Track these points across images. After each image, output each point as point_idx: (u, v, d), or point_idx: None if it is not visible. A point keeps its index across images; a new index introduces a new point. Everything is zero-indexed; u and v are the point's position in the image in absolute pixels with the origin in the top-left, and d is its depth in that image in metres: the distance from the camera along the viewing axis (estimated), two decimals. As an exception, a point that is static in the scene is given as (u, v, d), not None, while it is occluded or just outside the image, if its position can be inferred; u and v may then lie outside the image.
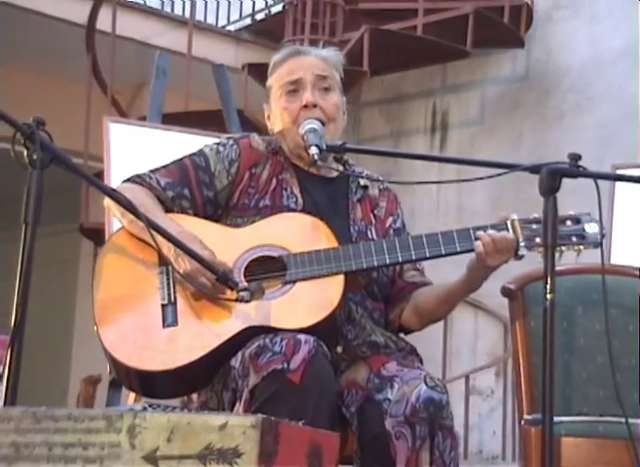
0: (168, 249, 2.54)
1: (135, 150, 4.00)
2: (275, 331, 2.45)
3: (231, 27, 7.49)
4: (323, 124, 2.74)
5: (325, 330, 2.51)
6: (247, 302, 2.48)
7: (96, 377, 4.36)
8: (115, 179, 3.93)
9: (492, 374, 6.61)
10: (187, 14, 7.48)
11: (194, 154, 2.81)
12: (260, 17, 7.38)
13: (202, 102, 6.09)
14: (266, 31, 7.20)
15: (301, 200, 2.74)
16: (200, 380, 2.58)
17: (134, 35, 6.79)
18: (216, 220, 2.74)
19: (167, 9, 7.66)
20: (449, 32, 5.98)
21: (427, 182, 6.44)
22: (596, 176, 2.30)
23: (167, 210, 2.70)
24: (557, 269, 2.90)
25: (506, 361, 6.46)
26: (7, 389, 2.12)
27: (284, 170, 2.78)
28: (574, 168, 2.29)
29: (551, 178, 2.29)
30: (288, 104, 2.78)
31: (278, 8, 7.14)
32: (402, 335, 2.81)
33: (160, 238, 2.53)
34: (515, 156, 6.38)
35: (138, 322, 2.57)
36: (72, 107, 6.62)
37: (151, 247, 2.64)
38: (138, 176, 2.75)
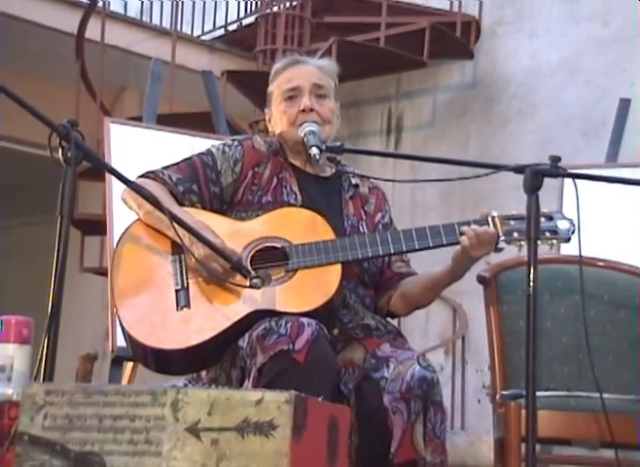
0: (183, 236, 2.54)
1: (133, 148, 3.97)
2: (279, 314, 2.46)
3: (205, 37, 7.45)
4: (319, 126, 2.76)
5: (324, 314, 2.52)
6: (259, 288, 2.48)
7: (93, 355, 4.35)
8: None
9: (442, 352, 6.64)
10: (164, 23, 7.45)
11: (202, 153, 2.80)
12: (232, 28, 7.34)
13: (176, 104, 6.06)
14: (238, 41, 7.18)
15: (299, 197, 2.74)
16: (210, 359, 2.58)
17: (118, 43, 6.73)
18: (222, 214, 2.74)
19: (145, 18, 7.60)
20: (408, 44, 5.99)
21: (415, 180, 6.45)
22: (575, 176, 2.32)
23: (178, 203, 2.69)
24: (526, 259, 2.94)
25: (454, 341, 6.50)
26: (45, 366, 2.10)
27: (284, 170, 2.79)
28: (554, 169, 2.31)
29: (534, 178, 2.31)
30: (287, 109, 2.79)
31: (249, 20, 7.11)
32: (389, 319, 2.82)
33: (176, 227, 2.55)
34: (463, 157, 6.36)
35: (154, 305, 2.57)
36: (62, 108, 6.57)
37: (164, 237, 2.64)
38: (152, 172, 2.74)
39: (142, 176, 2.74)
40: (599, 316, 2.94)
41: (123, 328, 2.57)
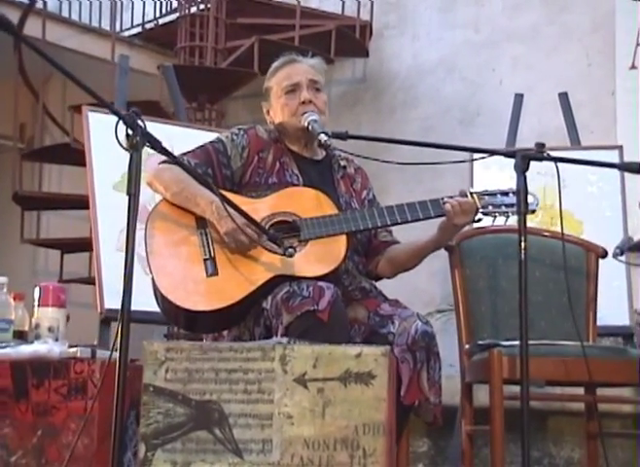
0: (212, 212, 2.53)
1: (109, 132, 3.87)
2: (297, 279, 2.47)
3: (125, 34, 7.25)
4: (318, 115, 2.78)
5: (332, 278, 2.55)
6: (291, 257, 2.49)
7: (66, 316, 4.22)
8: (96, 157, 3.81)
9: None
10: (83, 19, 7.23)
11: (213, 141, 2.79)
12: (149, 26, 7.16)
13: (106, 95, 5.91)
14: (155, 38, 7.03)
15: (301, 178, 2.76)
16: (235, 319, 2.58)
17: (46, 38, 6.48)
18: (235, 193, 2.72)
19: (65, 14, 7.34)
20: (317, 44, 6.00)
21: (404, 163, 6.46)
22: (558, 160, 2.39)
23: None
24: (483, 229, 3.02)
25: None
26: (122, 330, 2.06)
27: (284, 155, 2.79)
28: (539, 154, 2.38)
29: (523, 161, 2.37)
30: (288, 101, 2.79)
31: (167, 19, 6.96)
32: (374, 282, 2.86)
33: (203, 205, 2.55)
34: (356, 142, 6.45)
35: (186, 273, 2.55)
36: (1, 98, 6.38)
37: (188, 214, 2.62)
38: (173, 157, 2.70)
39: (164, 162, 2.69)
40: (543, 277, 3.05)
41: (157, 292, 2.54)
